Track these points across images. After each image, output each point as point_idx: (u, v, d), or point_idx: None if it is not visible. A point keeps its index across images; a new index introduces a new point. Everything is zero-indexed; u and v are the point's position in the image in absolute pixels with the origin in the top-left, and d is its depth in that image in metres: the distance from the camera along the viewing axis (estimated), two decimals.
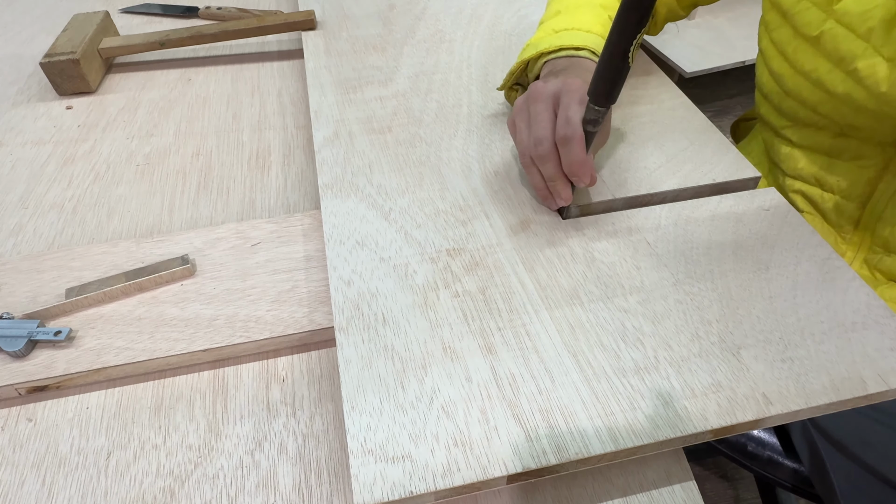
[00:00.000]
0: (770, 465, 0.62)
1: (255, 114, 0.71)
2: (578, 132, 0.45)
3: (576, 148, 0.45)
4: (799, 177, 0.63)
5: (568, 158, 0.46)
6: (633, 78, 0.66)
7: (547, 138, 0.46)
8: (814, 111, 0.57)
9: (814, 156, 0.61)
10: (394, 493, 0.33)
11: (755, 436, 0.63)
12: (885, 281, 0.59)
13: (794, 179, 0.64)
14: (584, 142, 0.45)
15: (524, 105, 0.49)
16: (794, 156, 0.62)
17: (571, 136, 0.45)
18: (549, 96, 0.47)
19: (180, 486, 0.39)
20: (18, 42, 0.86)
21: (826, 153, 0.60)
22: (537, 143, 0.47)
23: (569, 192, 0.48)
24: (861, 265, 0.61)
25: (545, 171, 0.47)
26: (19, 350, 0.44)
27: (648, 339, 0.41)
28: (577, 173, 0.46)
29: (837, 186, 0.60)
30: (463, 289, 0.44)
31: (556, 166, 0.47)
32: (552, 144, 0.46)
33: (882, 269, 0.59)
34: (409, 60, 0.70)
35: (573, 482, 0.40)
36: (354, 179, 0.54)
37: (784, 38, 0.57)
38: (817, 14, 0.53)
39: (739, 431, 0.37)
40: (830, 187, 0.61)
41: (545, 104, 0.47)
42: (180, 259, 0.50)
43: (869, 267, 0.60)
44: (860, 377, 0.38)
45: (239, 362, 0.46)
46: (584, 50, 0.54)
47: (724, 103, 1.87)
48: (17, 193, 0.62)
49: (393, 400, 0.38)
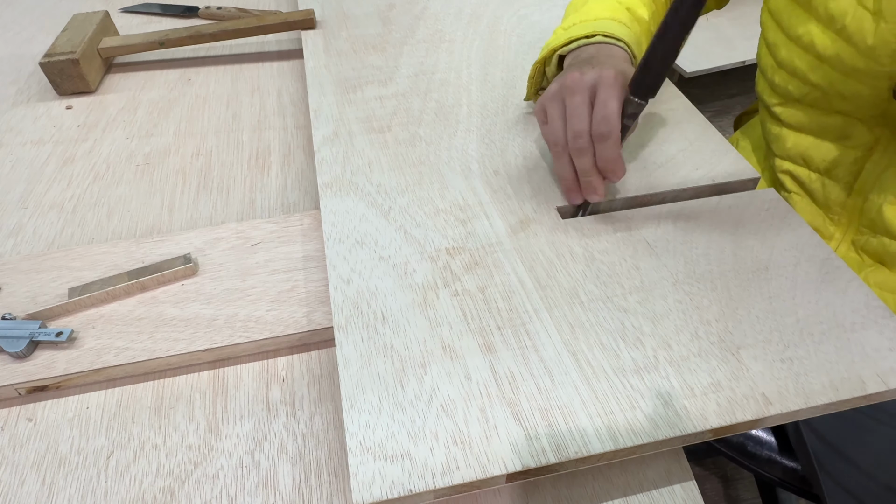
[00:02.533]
0: (769, 464, 0.62)
1: (254, 113, 0.71)
2: (617, 129, 0.45)
3: (613, 145, 0.45)
4: (787, 157, 0.63)
5: (604, 154, 0.46)
6: None
7: (585, 131, 0.46)
8: (804, 81, 0.56)
9: (801, 135, 0.61)
10: (393, 491, 0.33)
11: (754, 435, 0.63)
12: (871, 263, 0.59)
13: (783, 160, 0.64)
14: (620, 138, 0.45)
15: (558, 94, 0.48)
16: (782, 135, 0.62)
17: (609, 133, 0.45)
18: (585, 88, 0.47)
19: (180, 486, 0.39)
20: (18, 42, 0.86)
21: (813, 133, 0.60)
22: (576, 137, 0.46)
23: (602, 186, 0.48)
24: (848, 247, 0.61)
25: (580, 164, 0.47)
26: (21, 351, 0.44)
27: (648, 338, 0.41)
28: (612, 169, 0.46)
29: (824, 166, 0.60)
30: (462, 288, 0.44)
31: (592, 161, 0.47)
32: (590, 139, 0.46)
33: (868, 251, 0.59)
34: (408, 60, 0.70)
35: (573, 481, 0.40)
36: (354, 178, 0.54)
37: (780, 6, 0.57)
38: None
39: (739, 431, 0.37)
40: (817, 167, 0.60)
41: (582, 96, 0.47)
42: (183, 258, 0.50)
43: (856, 248, 0.60)
44: (859, 377, 0.38)
45: (239, 362, 0.46)
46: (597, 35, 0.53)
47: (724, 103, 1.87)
48: (17, 193, 0.62)
49: (392, 398, 0.38)
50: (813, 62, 0.55)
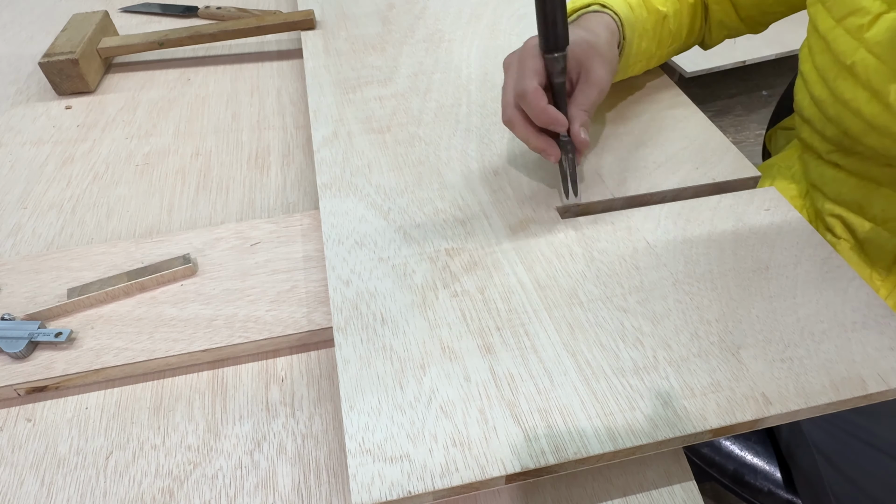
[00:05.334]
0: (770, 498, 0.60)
1: (254, 113, 0.71)
2: (530, 86, 0.46)
3: (531, 101, 0.46)
4: (841, 201, 0.59)
5: (531, 113, 0.47)
6: (633, 77, 0.66)
7: (508, 103, 0.48)
8: (857, 141, 0.54)
9: (860, 181, 0.57)
10: (392, 493, 0.33)
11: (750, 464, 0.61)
12: None
13: (835, 204, 0.60)
14: (539, 93, 0.46)
15: None
16: (839, 178, 0.59)
17: (524, 91, 0.46)
18: (510, 64, 0.49)
19: (179, 486, 0.39)
20: (18, 42, 0.86)
21: (874, 179, 0.56)
22: (503, 112, 0.49)
23: (548, 145, 0.48)
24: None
25: (517, 135, 0.49)
26: (20, 351, 0.44)
27: (647, 338, 0.41)
28: (545, 123, 0.46)
29: (881, 216, 0.56)
30: (462, 288, 0.44)
31: (524, 128, 0.48)
32: (513, 108, 0.48)
33: None
34: (408, 60, 0.70)
35: (572, 482, 0.40)
36: (353, 179, 0.54)
37: (825, 65, 0.54)
38: (850, 42, 0.50)
39: (739, 431, 0.37)
40: (873, 215, 0.57)
41: (507, 72, 0.50)
42: (182, 258, 0.50)
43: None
44: (860, 377, 0.38)
45: (238, 362, 0.46)
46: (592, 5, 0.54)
47: (724, 103, 1.87)
48: (16, 193, 0.62)
49: (391, 400, 0.38)
50: (865, 127, 0.52)
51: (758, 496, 0.61)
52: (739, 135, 1.77)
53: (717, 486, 1.14)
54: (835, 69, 0.53)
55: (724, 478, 0.62)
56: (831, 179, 0.60)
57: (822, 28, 0.53)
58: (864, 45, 0.49)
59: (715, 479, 0.63)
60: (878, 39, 0.48)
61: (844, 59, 0.51)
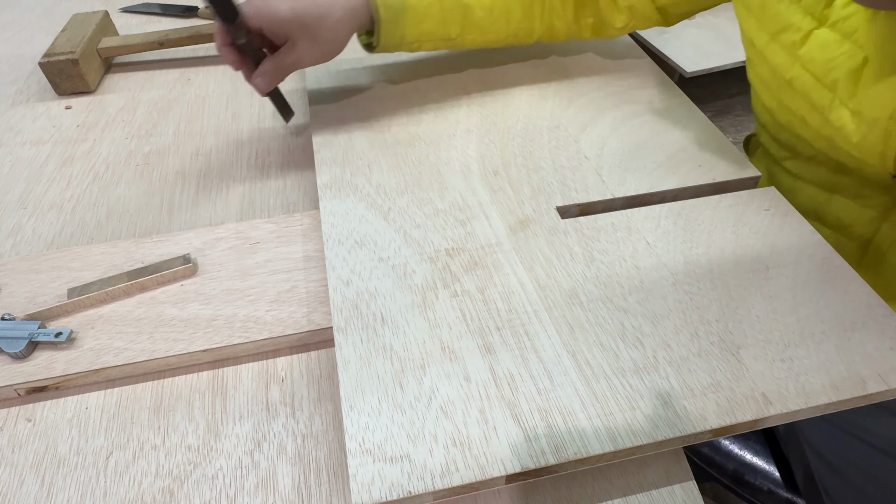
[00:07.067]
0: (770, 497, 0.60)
1: (254, 113, 0.71)
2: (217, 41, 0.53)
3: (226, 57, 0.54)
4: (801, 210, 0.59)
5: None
6: (634, 77, 0.66)
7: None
8: (809, 146, 0.54)
9: (814, 190, 0.58)
10: (392, 493, 0.33)
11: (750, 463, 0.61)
12: None
13: None
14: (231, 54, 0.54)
15: None
16: (794, 188, 0.59)
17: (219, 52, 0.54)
18: None
19: (179, 486, 0.39)
20: (18, 42, 0.86)
21: (827, 188, 0.57)
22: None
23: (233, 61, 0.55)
24: None
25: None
26: (20, 351, 0.44)
27: (647, 338, 0.41)
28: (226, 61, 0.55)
29: (838, 224, 0.56)
30: (462, 289, 0.44)
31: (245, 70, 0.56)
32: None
33: None
34: (408, 59, 0.70)
35: (573, 482, 0.40)
36: (353, 179, 0.54)
37: (767, 77, 0.54)
38: (785, 57, 0.51)
39: (739, 431, 0.37)
40: (830, 223, 0.57)
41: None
42: (182, 258, 0.50)
43: None
44: (860, 377, 0.38)
45: (238, 362, 0.46)
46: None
47: (724, 103, 1.87)
48: (16, 193, 0.62)
49: (391, 400, 0.38)
50: (813, 134, 0.52)
51: (757, 495, 0.61)
52: (739, 135, 1.77)
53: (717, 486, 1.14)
54: (776, 81, 0.53)
55: (724, 477, 0.62)
56: (789, 189, 0.60)
57: (759, 44, 0.54)
58: (800, 62, 0.49)
59: (715, 478, 0.63)
60: (811, 56, 0.48)
61: (783, 73, 0.51)
